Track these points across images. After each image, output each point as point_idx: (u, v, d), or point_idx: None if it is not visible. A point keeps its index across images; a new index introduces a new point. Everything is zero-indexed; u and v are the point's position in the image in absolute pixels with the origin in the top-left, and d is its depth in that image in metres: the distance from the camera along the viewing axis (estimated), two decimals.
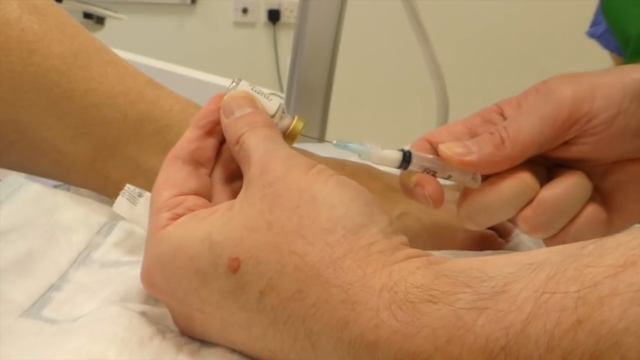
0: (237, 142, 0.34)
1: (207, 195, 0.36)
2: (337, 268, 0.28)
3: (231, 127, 0.35)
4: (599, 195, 0.42)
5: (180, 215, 0.33)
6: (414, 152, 0.38)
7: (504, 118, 0.42)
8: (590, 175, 0.42)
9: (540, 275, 0.25)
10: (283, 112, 0.37)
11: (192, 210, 0.34)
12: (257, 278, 0.30)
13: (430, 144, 0.41)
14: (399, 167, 0.38)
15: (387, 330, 0.26)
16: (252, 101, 0.36)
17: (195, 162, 0.36)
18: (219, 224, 0.31)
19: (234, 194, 0.34)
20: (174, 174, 0.35)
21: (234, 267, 0.30)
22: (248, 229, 0.30)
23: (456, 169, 0.39)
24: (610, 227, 0.42)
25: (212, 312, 0.31)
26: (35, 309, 0.36)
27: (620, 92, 0.39)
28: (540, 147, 0.39)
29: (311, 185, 0.31)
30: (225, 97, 0.37)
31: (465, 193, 0.40)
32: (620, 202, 0.42)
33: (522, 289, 0.25)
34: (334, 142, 0.37)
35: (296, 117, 0.38)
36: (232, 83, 0.37)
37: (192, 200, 0.34)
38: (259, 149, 0.33)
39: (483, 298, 0.25)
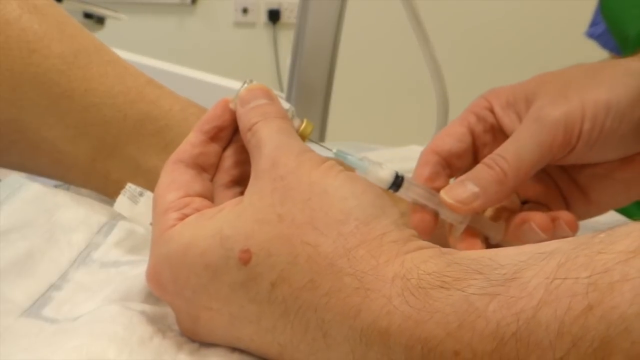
0: (250, 129, 0.35)
1: (210, 200, 0.36)
2: (351, 257, 0.29)
3: (245, 116, 0.35)
4: (576, 186, 0.43)
5: (188, 216, 0.33)
6: (407, 179, 0.38)
7: (494, 114, 0.42)
8: (568, 167, 0.43)
9: (551, 263, 0.25)
10: (293, 116, 0.37)
11: (200, 211, 0.34)
12: (268, 270, 0.30)
13: (437, 154, 0.41)
14: (389, 189, 0.38)
15: (400, 317, 0.27)
16: (268, 93, 0.37)
17: (198, 166, 0.36)
18: (229, 218, 0.31)
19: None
20: (178, 177, 0.35)
21: (246, 259, 0.30)
22: (259, 221, 0.31)
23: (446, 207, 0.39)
24: (586, 215, 0.44)
25: (220, 308, 0.31)
26: (35, 308, 0.37)
27: (604, 111, 0.40)
28: (536, 171, 0.40)
29: (322, 179, 0.31)
30: (243, 89, 0.37)
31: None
32: (596, 194, 0.43)
33: (533, 276, 0.25)
34: (334, 150, 0.37)
35: (305, 121, 0.38)
36: (243, 84, 0.37)
37: (198, 201, 0.34)
38: (271, 141, 0.33)
39: (494, 284, 0.25)
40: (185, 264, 0.32)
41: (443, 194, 0.38)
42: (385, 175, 0.37)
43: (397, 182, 0.38)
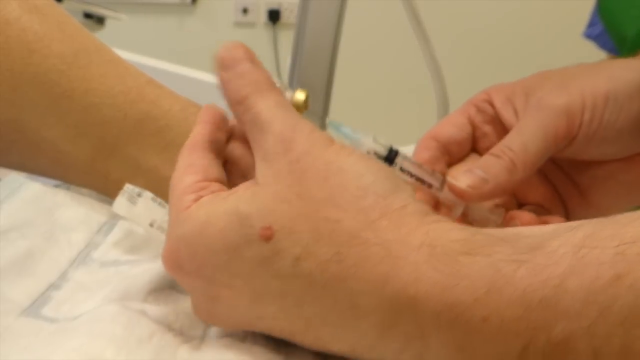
0: (241, 103, 0.33)
1: (226, 186, 0.35)
2: (375, 229, 0.29)
3: (232, 84, 0.34)
4: (577, 189, 0.42)
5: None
6: (401, 154, 0.37)
7: (494, 108, 0.42)
8: (569, 169, 0.43)
9: (578, 234, 0.25)
10: (285, 89, 0.36)
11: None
12: (292, 245, 0.30)
13: (437, 140, 0.41)
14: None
15: (427, 283, 0.27)
16: (248, 53, 0.35)
17: (215, 151, 0.36)
18: (245, 197, 0.31)
19: None
20: (197, 160, 0.35)
21: (268, 235, 0.30)
22: (277, 201, 0.30)
23: (438, 180, 0.38)
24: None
25: (242, 286, 0.31)
26: (34, 308, 0.37)
27: (603, 102, 0.39)
28: (543, 160, 0.39)
29: (337, 157, 0.31)
30: (219, 49, 0.35)
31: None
32: (597, 197, 0.43)
33: (560, 245, 0.25)
34: (328, 120, 0.37)
35: (297, 91, 0.37)
36: None
37: (216, 186, 0.34)
38: (275, 119, 0.32)
39: (521, 252, 0.25)
40: (203, 243, 0.31)
41: (450, 178, 0.38)
42: (379, 148, 0.37)
43: (391, 156, 0.37)
